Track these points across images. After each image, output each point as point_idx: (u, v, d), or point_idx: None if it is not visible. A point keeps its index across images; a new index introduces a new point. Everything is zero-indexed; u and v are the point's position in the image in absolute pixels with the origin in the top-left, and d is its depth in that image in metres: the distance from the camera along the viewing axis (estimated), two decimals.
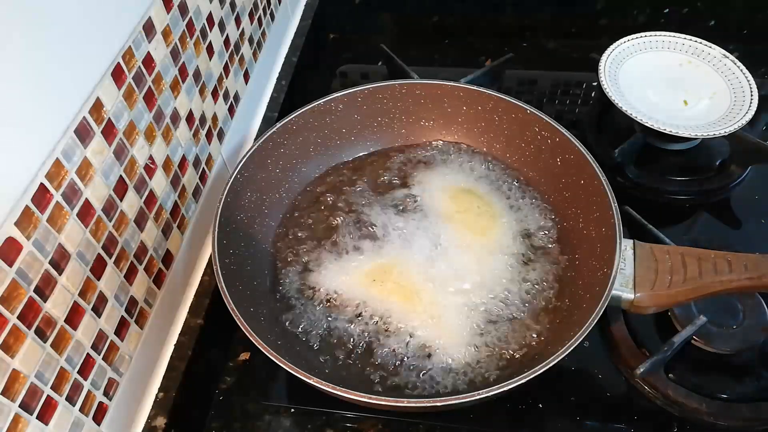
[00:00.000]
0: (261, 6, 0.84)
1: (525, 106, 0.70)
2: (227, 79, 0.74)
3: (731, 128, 0.72)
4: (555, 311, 0.61)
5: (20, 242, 0.42)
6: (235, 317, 0.53)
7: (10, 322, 0.41)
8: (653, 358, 0.58)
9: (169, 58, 0.60)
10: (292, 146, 0.72)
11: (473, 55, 0.96)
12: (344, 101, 0.73)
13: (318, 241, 0.68)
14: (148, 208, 0.58)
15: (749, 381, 0.60)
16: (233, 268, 0.60)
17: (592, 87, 0.90)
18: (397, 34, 1.08)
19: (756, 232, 0.73)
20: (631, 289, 0.56)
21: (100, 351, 0.52)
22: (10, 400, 0.41)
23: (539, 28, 1.02)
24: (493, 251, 0.65)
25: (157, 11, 0.57)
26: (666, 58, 0.83)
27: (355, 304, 0.62)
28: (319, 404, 0.60)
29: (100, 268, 0.51)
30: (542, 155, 0.70)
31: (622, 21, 1.02)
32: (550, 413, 0.60)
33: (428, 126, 0.77)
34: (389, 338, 0.60)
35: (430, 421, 0.60)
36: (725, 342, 0.61)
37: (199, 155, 0.68)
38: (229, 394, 0.63)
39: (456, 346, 0.59)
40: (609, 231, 0.59)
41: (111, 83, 0.51)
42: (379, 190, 0.72)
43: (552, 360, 0.50)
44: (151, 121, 0.57)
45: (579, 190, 0.65)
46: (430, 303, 0.61)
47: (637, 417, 0.59)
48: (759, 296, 0.63)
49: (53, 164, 0.44)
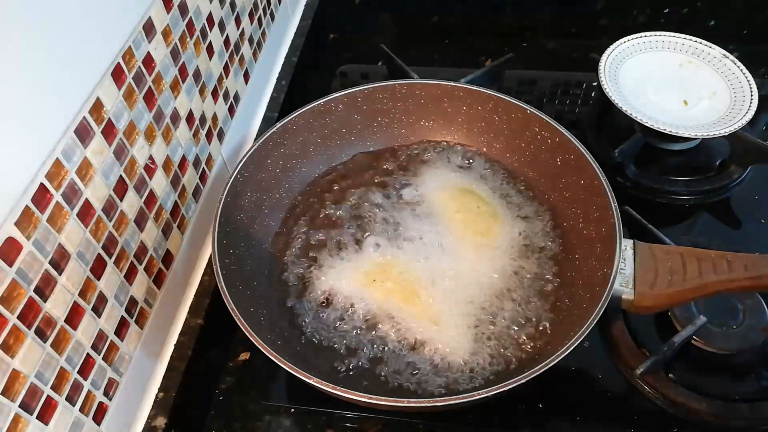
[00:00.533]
0: (261, 6, 0.84)
1: (525, 106, 0.70)
2: (227, 79, 0.74)
3: (731, 128, 0.72)
4: (555, 311, 0.61)
5: (20, 242, 0.42)
6: (235, 317, 0.53)
7: (10, 322, 0.41)
8: (653, 358, 0.59)
9: (169, 58, 0.60)
10: (292, 146, 0.72)
11: (473, 55, 0.96)
12: (344, 101, 0.73)
13: (318, 241, 0.68)
14: (148, 208, 0.58)
15: (749, 381, 0.60)
16: (233, 268, 0.60)
17: (592, 87, 0.90)
18: (397, 34, 1.08)
19: (756, 232, 0.73)
20: (631, 289, 0.56)
21: (100, 351, 0.52)
22: (10, 400, 0.41)
23: (539, 28, 1.02)
24: (493, 251, 0.65)
25: (157, 11, 0.57)
26: (666, 58, 0.83)
27: (355, 304, 0.62)
28: (319, 404, 0.60)
29: (100, 268, 0.51)
30: (542, 155, 0.70)
31: (622, 21, 1.02)
32: (550, 413, 0.60)
33: (428, 126, 0.77)
34: (389, 338, 0.60)
35: (430, 421, 0.60)
36: (725, 342, 0.61)
37: (199, 155, 0.68)
38: (229, 394, 0.63)
39: (456, 346, 0.59)
40: (609, 231, 0.59)
41: (111, 83, 0.51)
42: (379, 190, 0.72)
43: (552, 360, 0.50)
44: (151, 121, 0.57)
45: (579, 190, 0.65)
46: (430, 303, 0.61)
47: (637, 417, 0.59)
48: (759, 296, 0.63)
49: (53, 164, 0.44)
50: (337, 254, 0.66)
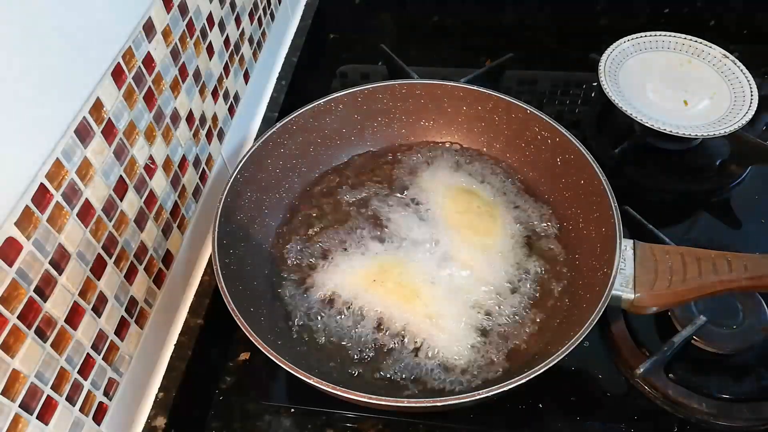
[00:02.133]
0: (261, 6, 0.84)
1: (525, 106, 0.70)
2: (227, 79, 0.74)
3: (731, 128, 0.72)
4: (555, 311, 0.61)
5: (20, 242, 0.42)
6: (235, 317, 0.53)
7: (10, 322, 0.41)
8: (653, 358, 0.59)
9: (169, 58, 0.60)
10: (292, 146, 0.72)
11: (473, 55, 0.96)
12: (344, 101, 0.73)
13: (318, 241, 0.68)
14: (148, 208, 0.58)
15: (749, 381, 0.60)
16: (233, 268, 0.60)
17: (592, 87, 0.90)
18: (397, 34, 1.08)
19: (756, 232, 0.73)
20: (631, 289, 0.56)
21: (100, 351, 0.52)
22: (10, 400, 0.41)
23: (539, 28, 1.02)
24: (493, 251, 0.65)
25: (157, 11, 0.57)
26: (666, 58, 0.83)
27: (355, 304, 0.62)
28: (319, 404, 0.60)
29: (100, 268, 0.51)
30: (542, 155, 0.70)
31: (622, 21, 1.02)
32: (550, 413, 0.60)
33: (428, 126, 0.77)
34: (389, 338, 0.60)
35: (430, 421, 0.60)
36: (725, 342, 0.61)
37: (199, 155, 0.68)
38: (229, 394, 0.63)
39: (456, 346, 0.59)
40: (609, 231, 0.59)
41: (111, 83, 0.51)
42: (379, 190, 0.72)
43: (552, 360, 0.50)
44: (151, 121, 0.57)
45: (579, 190, 0.65)
46: (430, 303, 0.61)
47: (637, 417, 0.59)
48: (759, 296, 0.63)
49: (53, 164, 0.44)
50: (337, 254, 0.66)
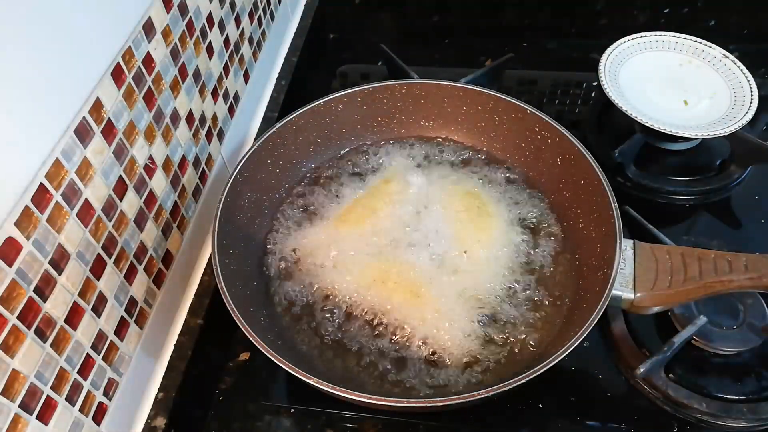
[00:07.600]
0: (261, 6, 0.84)
1: (525, 106, 0.70)
2: (227, 79, 0.74)
3: (731, 128, 0.72)
4: (555, 311, 0.61)
5: (20, 242, 0.42)
6: (235, 317, 0.53)
7: (9, 322, 0.41)
8: (653, 358, 0.58)
9: (169, 58, 0.60)
10: (292, 146, 0.72)
11: (473, 55, 0.96)
12: (344, 101, 0.73)
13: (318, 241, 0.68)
14: (147, 208, 0.58)
15: (749, 381, 0.60)
16: (233, 268, 0.60)
17: (592, 87, 0.90)
18: (397, 34, 1.08)
19: (756, 232, 0.73)
20: (631, 289, 0.56)
21: (99, 351, 0.52)
22: (10, 401, 0.41)
23: (539, 28, 1.02)
24: (493, 251, 0.65)
25: (156, 11, 0.57)
26: (666, 58, 0.83)
27: (355, 304, 0.62)
28: (319, 404, 0.60)
29: (99, 268, 0.51)
30: (542, 155, 0.70)
31: (622, 21, 1.02)
32: (550, 413, 0.60)
33: (428, 126, 0.77)
34: (389, 338, 0.60)
35: (430, 421, 0.60)
36: (725, 342, 0.61)
37: (199, 155, 0.68)
38: (229, 394, 0.63)
39: (456, 346, 0.59)
40: (609, 231, 0.59)
41: (111, 83, 0.51)
42: (379, 190, 0.72)
43: (552, 360, 0.50)
44: (151, 121, 0.57)
45: (579, 190, 0.65)
46: (431, 302, 0.61)
47: (637, 417, 0.59)
48: (759, 296, 0.63)
49: (53, 164, 0.44)
50: (337, 254, 0.66)
